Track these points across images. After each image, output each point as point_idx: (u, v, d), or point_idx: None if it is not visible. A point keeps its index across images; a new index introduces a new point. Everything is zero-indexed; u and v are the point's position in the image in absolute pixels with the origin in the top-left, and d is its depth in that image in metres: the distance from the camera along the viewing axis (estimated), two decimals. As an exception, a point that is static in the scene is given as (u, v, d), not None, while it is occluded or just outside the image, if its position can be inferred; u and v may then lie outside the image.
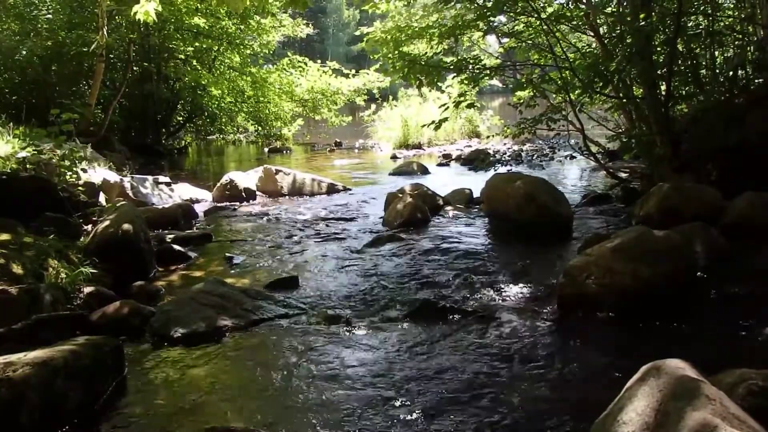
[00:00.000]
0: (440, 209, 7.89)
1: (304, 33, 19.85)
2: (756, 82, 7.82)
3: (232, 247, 6.54)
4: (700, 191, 6.20)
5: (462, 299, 4.66)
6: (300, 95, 18.20)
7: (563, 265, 4.74)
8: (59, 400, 3.02)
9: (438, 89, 15.10)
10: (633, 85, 8.89)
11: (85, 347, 3.33)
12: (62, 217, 5.75)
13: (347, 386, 3.35)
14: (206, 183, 10.62)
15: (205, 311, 4.33)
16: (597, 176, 10.71)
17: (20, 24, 14.14)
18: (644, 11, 7.68)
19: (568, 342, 3.89)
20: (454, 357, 3.69)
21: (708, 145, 7.00)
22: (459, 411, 3.05)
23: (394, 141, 17.76)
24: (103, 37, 11.88)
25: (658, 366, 2.22)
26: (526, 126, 8.87)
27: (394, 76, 10.46)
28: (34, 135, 7.75)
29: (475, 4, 9.37)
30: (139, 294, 4.86)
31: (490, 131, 17.31)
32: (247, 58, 17.89)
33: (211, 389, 3.39)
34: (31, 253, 4.67)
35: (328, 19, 66.60)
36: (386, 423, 2.97)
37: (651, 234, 4.44)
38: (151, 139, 16.79)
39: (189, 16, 15.32)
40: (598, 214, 7.45)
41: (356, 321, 4.34)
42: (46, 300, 4.17)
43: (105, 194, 7.94)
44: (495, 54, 13.11)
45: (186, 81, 16.85)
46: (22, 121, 9.86)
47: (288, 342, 4.03)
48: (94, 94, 13.38)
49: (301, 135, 20.66)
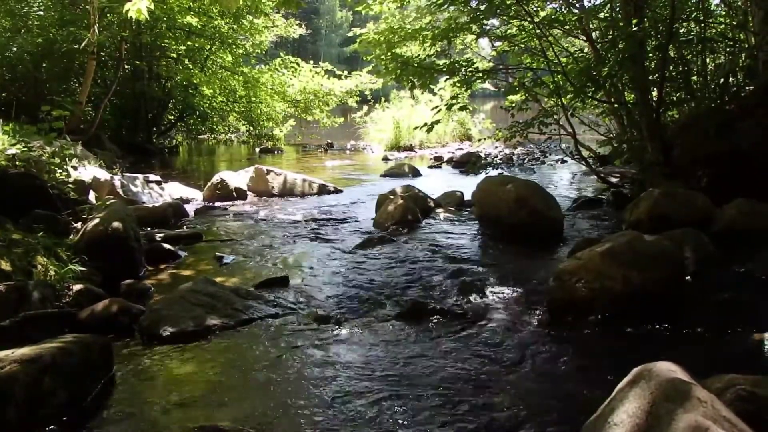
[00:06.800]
0: (431, 211, 7.89)
1: (296, 33, 19.86)
2: (747, 89, 7.87)
3: (222, 247, 6.51)
4: (690, 197, 6.24)
5: (452, 301, 4.66)
6: (292, 96, 18.17)
7: (554, 268, 4.74)
8: (47, 397, 2.99)
9: (430, 92, 15.21)
10: (625, 91, 8.95)
11: (73, 345, 3.30)
12: (52, 215, 5.70)
13: (336, 386, 3.34)
14: (197, 182, 10.57)
15: (194, 310, 4.31)
16: (588, 181, 10.75)
17: (11, 20, 14.09)
18: (637, 17, 7.74)
19: (557, 345, 3.88)
20: (443, 359, 3.69)
21: (699, 152, 7.04)
22: (447, 413, 3.04)
23: (385, 143, 17.79)
24: (94, 35, 11.84)
25: (649, 368, 2.22)
26: (517, 129, 8.89)
27: (387, 78, 10.47)
28: (24, 132, 7.72)
29: (468, 7, 9.39)
30: (128, 292, 4.83)
31: (482, 134, 17.40)
32: (239, 57, 17.85)
33: (200, 388, 3.37)
34: (20, 250, 4.64)
35: (321, 20, 66.68)
36: (374, 423, 2.96)
37: (641, 239, 4.45)
38: (141, 138, 16.74)
39: (181, 15, 15.28)
40: (589, 218, 7.48)
41: (346, 321, 4.34)
42: (34, 297, 4.14)
43: (95, 192, 7.92)
44: (488, 57, 13.18)
45: (178, 80, 16.82)
46: (12, 117, 9.80)
47: (278, 342, 4.02)
48: (84, 92, 13.32)
49: (292, 136, 20.62)
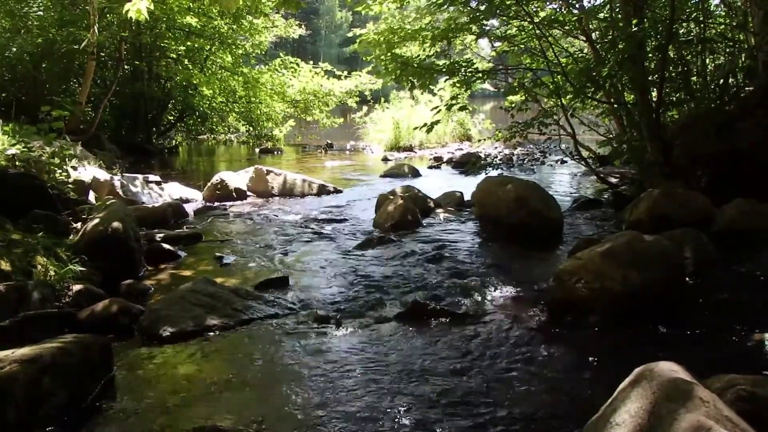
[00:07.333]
0: (431, 212, 7.89)
1: (296, 34, 19.86)
2: (747, 89, 7.87)
3: (222, 247, 6.51)
4: (690, 197, 6.24)
5: (451, 302, 4.65)
6: (292, 96, 18.17)
7: (553, 268, 4.74)
8: (47, 397, 2.99)
9: (430, 92, 15.21)
10: (624, 91, 8.95)
11: (73, 345, 3.30)
12: (51, 215, 5.69)
13: (336, 386, 3.34)
14: (197, 183, 10.55)
15: (194, 310, 4.31)
16: (588, 181, 10.76)
17: (11, 21, 14.06)
18: (636, 17, 7.74)
19: (557, 345, 3.88)
20: (443, 359, 3.69)
21: (698, 152, 7.05)
22: (447, 413, 3.04)
23: (385, 143, 17.78)
24: (94, 35, 11.83)
25: (651, 368, 2.22)
26: (517, 130, 8.88)
27: (387, 78, 10.46)
28: (24, 132, 7.71)
29: (468, 7, 9.39)
30: (128, 292, 4.83)
31: (482, 135, 17.39)
32: (239, 58, 17.84)
33: (200, 388, 3.37)
34: (20, 250, 4.63)
35: (321, 20, 66.70)
36: (374, 423, 2.95)
37: (641, 239, 4.45)
38: (141, 138, 16.72)
39: (181, 15, 15.27)
40: (589, 218, 7.47)
41: (346, 322, 4.33)
42: (34, 297, 4.13)
43: (95, 192, 7.91)
44: (487, 58, 13.18)
45: (177, 80, 16.82)
46: (12, 117, 9.79)
47: (277, 342, 4.01)
48: (84, 92, 13.31)
49: (292, 136, 20.61)
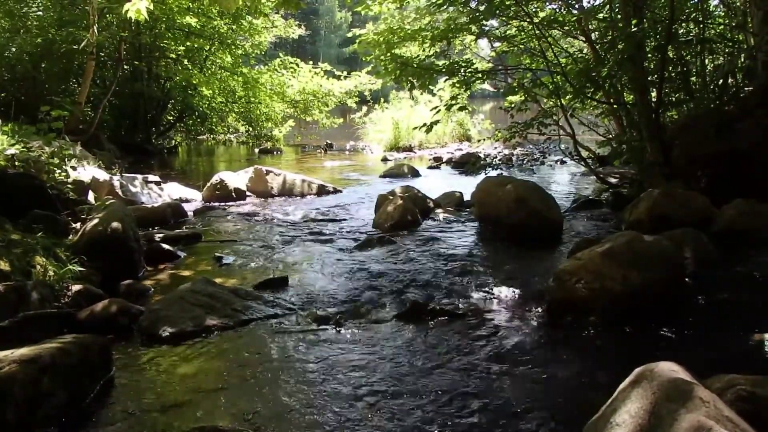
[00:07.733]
0: (431, 212, 7.88)
1: (296, 34, 19.89)
2: (746, 90, 7.88)
3: (221, 247, 6.50)
4: (689, 198, 6.25)
5: (451, 302, 4.65)
6: (291, 96, 18.19)
7: (553, 269, 4.74)
8: (46, 398, 2.98)
9: (430, 92, 15.21)
10: (624, 91, 8.95)
11: (72, 345, 3.29)
12: (51, 215, 5.69)
13: (335, 387, 3.34)
14: (196, 183, 10.55)
15: (193, 311, 4.30)
16: (587, 181, 10.75)
17: (10, 21, 14.07)
18: (636, 17, 7.74)
19: (557, 345, 3.88)
20: (442, 359, 3.69)
21: (698, 152, 7.04)
22: (447, 413, 3.04)
23: (384, 143, 17.79)
24: (93, 35, 11.85)
25: (651, 368, 2.21)
26: (517, 130, 8.87)
27: (386, 79, 10.45)
28: (23, 132, 7.71)
29: (467, 7, 9.39)
30: (127, 293, 4.83)
31: (481, 135, 17.39)
32: (238, 58, 17.85)
33: (200, 389, 3.36)
34: (19, 250, 4.63)
35: (321, 20, 66.75)
36: (374, 423, 2.95)
37: (641, 239, 4.45)
38: (141, 138, 16.74)
39: (181, 15, 15.29)
40: (588, 219, 7.47)
41: (345, 322, 4.33)
42: (33, 297, 4.13)
43: (94, 192, 7.91)
44: (487, 58, 13.18)
45: (177, 80, 16.83)
46: (11, 117, 9.79)
47: (277, 342, 4.01)
48: (83, 92, 13.32)
49: (292, 136, 20.62)
